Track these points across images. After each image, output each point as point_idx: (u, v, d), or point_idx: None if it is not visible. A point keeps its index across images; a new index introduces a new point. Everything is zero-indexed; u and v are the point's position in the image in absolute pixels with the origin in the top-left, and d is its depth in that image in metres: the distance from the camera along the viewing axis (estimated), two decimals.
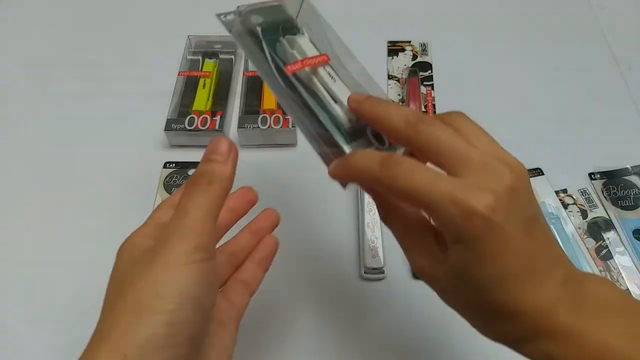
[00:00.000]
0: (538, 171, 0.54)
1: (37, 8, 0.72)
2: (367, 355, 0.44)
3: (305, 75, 0.35)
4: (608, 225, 0.51)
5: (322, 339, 0.45)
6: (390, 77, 0.64)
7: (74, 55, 0.67)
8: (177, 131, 0.56)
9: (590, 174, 0.54)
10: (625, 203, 0.52)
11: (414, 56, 0.66)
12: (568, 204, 0.52)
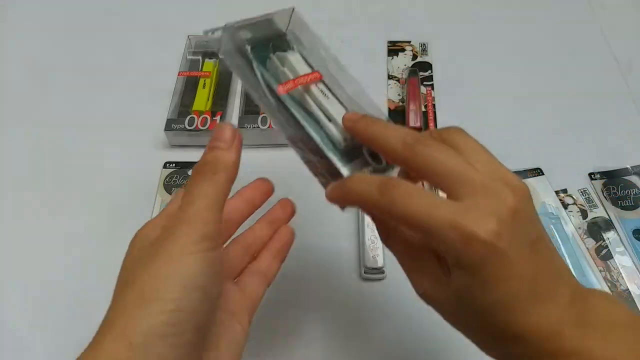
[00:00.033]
0: (538, 171, 0.54)
1: (37, 8, 0.72)
2: (367, 355, 0.44)
3: (298, 93, 0.35)
4: (608, 225, 0.51)
5: (322, 338, 0.45)
6: (390, 77, 0.64)
7: (73, 55, 0.67)
8: (177, 131, 0.56)
9: (590, 174, 0.54)
10: (625, 203, 0.52)
11: (414, 56, 0.66)
12: (568, 204, 0.52)
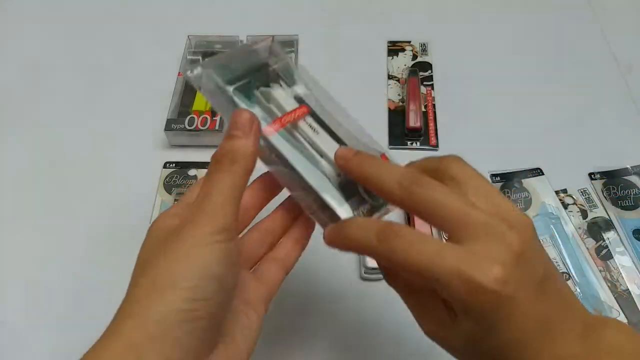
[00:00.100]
0: (538, 171, 0.54)
1: (37, 8, 0.72)
2: (367, 355, 0.44)
3: (286, 131, 0.33)
4: (608, 225, 0.50)
5: (322, 338, 0.45)
6: (390, 77, 0.64)
7: (73, 55, 0.67)
8: (177, 131, 0.56)
9: (590, 174, 0.54)
10: (625, 203, 0.52)
11: (414, 56, 0.66)
12: (568, 204, 0.52)
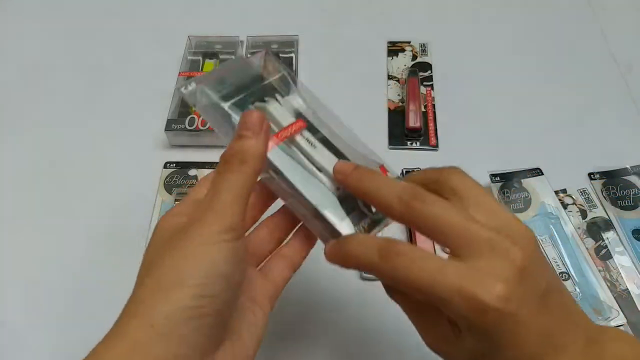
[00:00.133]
0: (538, 171, 0.54)
1: (37, 8, 0.72)
2: (367, 356, 0.44)
3: (284, 146, 0.33)
4: (607, 225, 0.51)
5: (322, 338, 0.45)
6: (390, 78, 0.64)
7: (73, 55, 0.67)
8: (178, 131, 0.56)
9: (589, 174, 0.54)
10: (625, 203, 0.52)
11: (414, 56, 0.66)
12: (567, 204, 0.52)
